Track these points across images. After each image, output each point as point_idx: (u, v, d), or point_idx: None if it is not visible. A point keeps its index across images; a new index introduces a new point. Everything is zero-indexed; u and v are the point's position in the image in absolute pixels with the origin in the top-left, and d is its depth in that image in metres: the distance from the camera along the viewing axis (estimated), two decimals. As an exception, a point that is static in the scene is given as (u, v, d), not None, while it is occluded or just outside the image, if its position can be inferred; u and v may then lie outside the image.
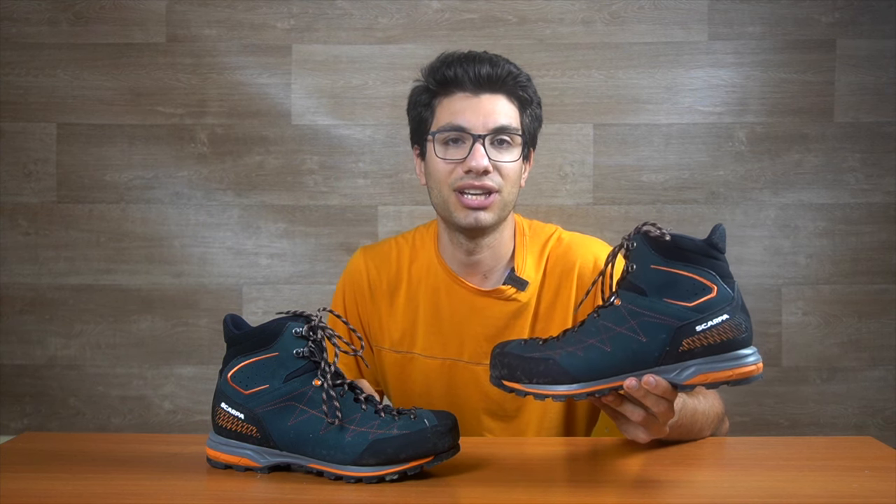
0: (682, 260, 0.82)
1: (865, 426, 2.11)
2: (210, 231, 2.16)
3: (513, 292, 1.22)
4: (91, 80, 2.15)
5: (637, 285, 0.84)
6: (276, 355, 0.89)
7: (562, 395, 0.83)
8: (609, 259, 0.89)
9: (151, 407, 2.16)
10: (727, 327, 0.80)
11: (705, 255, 0.82)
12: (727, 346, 0.80)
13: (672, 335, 0.81)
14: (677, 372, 0.81)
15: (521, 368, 0.85)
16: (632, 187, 2.12)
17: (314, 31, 2.13)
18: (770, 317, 2.11)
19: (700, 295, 0.81)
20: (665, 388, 0.82)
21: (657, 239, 0.83)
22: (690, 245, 0.82)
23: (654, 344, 0.81)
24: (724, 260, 0.83)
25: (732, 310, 0.81)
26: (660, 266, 0.83)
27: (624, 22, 2.12)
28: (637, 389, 0.82)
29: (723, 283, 0.81)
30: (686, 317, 0.81)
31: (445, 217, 1.20)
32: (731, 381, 0.81)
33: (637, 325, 0.82)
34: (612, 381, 0.83)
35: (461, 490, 0.85)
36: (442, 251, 1.26)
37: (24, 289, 2.16)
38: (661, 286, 0.82)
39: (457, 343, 1.24)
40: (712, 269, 0.82)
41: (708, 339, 0.80)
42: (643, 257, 0.84)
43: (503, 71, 1.16)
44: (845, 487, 0.84)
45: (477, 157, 1.13)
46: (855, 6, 2.09)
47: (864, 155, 2.11)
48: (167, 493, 0.84)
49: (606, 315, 0.85)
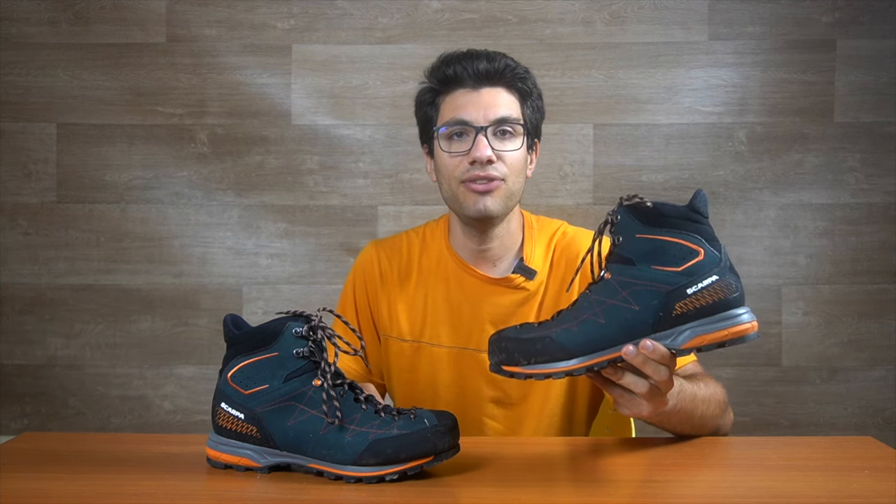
0: (667, 226, 0.83)
1: (865, 426, 2.11)
2: (210, 231, 2.16)
3: (522, 281, 1.25)
4: (91, 80, 2.15)
5: (625, 256, 0.84)
6: (276, 355, 0.89)
7: (561, 371, 0.83)
8: (596, 236, 0.90)
9: (151, 407, 2.16)
10: (717, 288, 0.81)
11: (689, 220, 0.83)
12: (719, 306, 0.81)
13: (664, 301, 0.81)
14: (673, 337, 0.82)
15: (519, 350, 0.85)
16: (632, 187, 2.12)
17: (314, 31, 2.14)
18: (770, 317, 2.11)
19: (688, 259, 0.82)
20: (663, 354, 0.82)
21: (639, 207, 0.84)
22: (673, 211, 0.83)
23: (647, 311, 0.82)
24: (707, 224, 0.83)
25: (721, 271, 0.82)
26: (645, 234, 0.84)
27: (624, 22, 2.12)
28: (635, 356, 0.82)
29: (709, 245, 0.82)
30: (676, 281, 0.81)
31: (456, 209, 1.24)
32: (728, 340, 0.81)
33: (629, 294, 0.83)
34: (609, 353, 0.83)
35: (461, 490, 0.85)
36: (453, 241, 1.29)
37: (24, 289, 2.16)
38: (649, 254, 0.83)
39: (465, 331, 1.26)
40: (697, 232, 0.83)
41: (700, 300, 0.81)
42: (628, 228, 0.85)
43: (501, 64, 1.20)
44: (845, 487, 0.84)
45: (480, 147, 1.17)
46: (855, 6, 2.09)
47: (864, 155, 2.11)
48: (167, 493, 0.84)
49: (598, 290, 0.85)
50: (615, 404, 0.91)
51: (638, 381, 0.86)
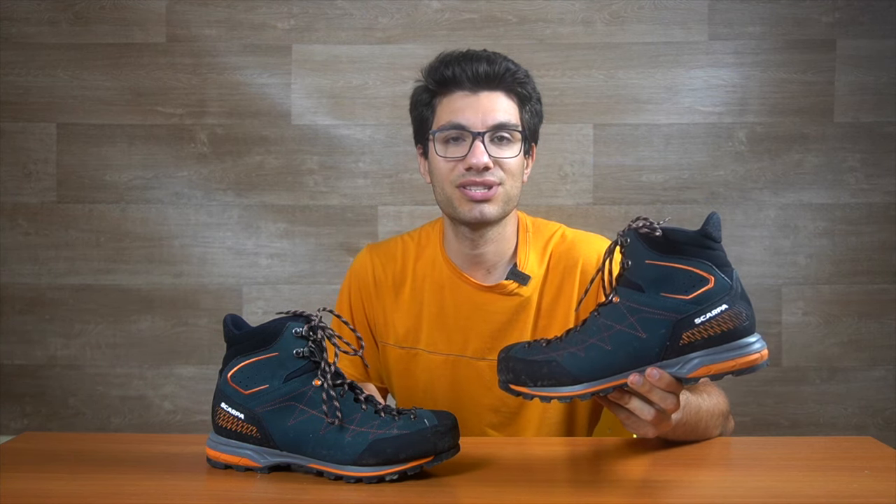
0: (677, 253, 0.81)
1: (865, 426, 2.11)
2: (210, 231, 2.16)
3: (515, 287, 1.23)
4: (91, 80, 2.15)
5: (634, 282, 0.83)
6: (276, 355, 0.88)
7: (567, 396, 0.83)
8: (606, 255, 0.89)
9: (151, 407, 2.16)
10: (727, 317, 0.80)
11: (700, 246, 0.81)
12: (729, 336, 0.80)
13: (671, 329, 0.80)
14: (680, 366, 0.81)
15: (526, 372, 0.85)
16: (632, 187, 2.12)
17: (314, 31, 2.13)
18: (770, 317, 2.11)
19: (697, 287, 0.80)
20: (669, 382, 0.82)
21: (649, 235, 0.82)
22: (683, 237, 0.81)
23: (653, 340, 0.81)
24: (720, 249, 0.82)
25: (731, 299, 0.80)
26: (654, 261, 0.82)
27: (624, 22, 2.12)
28: (642, 385, 0.82)
29: (720, 272, 0.80)
30: (684, 310, 0.80)
31: (450, 213, 1.22)
32: (736, 370, 0.80)
33: (636, 321, 0.82)
34: (614, 380, 0.83)
35: (461, 490, 0.85)
36: (447, 247, 1.27)
37: (24, 289, 2.16)
38: (658, 281, 0.82)
39: (461, 339, 1.25)
40: (708, 259, 0.81)
41: (708, 330, 0.80)
42: (637, 253, 0.84)
43: (501, 68, 1.17)
44: (845, 487, 0.84)
45: (477, 154, 1.14)
46: (855, 6, 2.09)
47: (864, 155, 2.11)
48: (167, 493, 0.84)
49: (606, 313, 0.85)
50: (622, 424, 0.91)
51: (644, 407, 0.86)
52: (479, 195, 1.16)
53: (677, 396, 0.85)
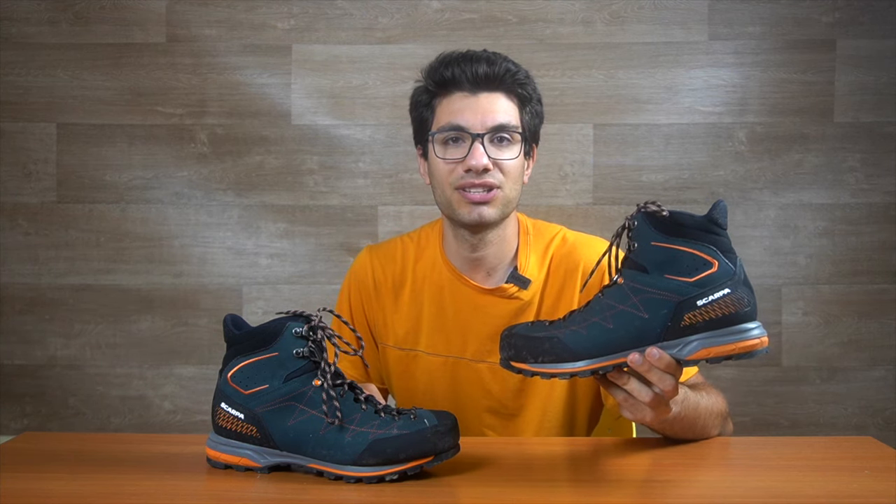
0: (682, 236, 0.83)
1: (865, 426, 2.11)
2: (210, 231, 2.16)
3: (515, 290, 1.22)
4: (91, 80, 2.15)
5: (639, 263, 0.85)
6: (276, 355, 0.89)
7: (567, 372, 0.84)
8: (612, 240, 0.90)
9: (151, 407, 2.16)
10: (729, 301, 0.81)
11: (705, 231, 0.83)
12: (729, 320, 0.81)
13: (673, 310, 0.82)
14: (680, 347, 0.82)
15: (527, 348, 0.85)
16: (632, 187, 2.12)
17: (314, 31, 2.13)
18: (770, 317, 2.11)
19: (701, 270, 0.82)
20: (668, 362, 0.82)
21: (657, 216, 0.84)
22: (690, 221, 0.83)
23: (655, 320, 0.82)
24: (725, 235, 0.83)
25: (734, 284, 0.81)
26: (660, 243, 0.83)
27: (624, 22, 2.12)
28: (641, 364, 0.82)
29: (724, 258, 0.82)
30: (687, 292, 0.81)
31: (449, 215, 1.21)
32: (735, 354, 0.81)
33: (639, 301, 0.83)
34: (615, 358, 0.83)
35: (461, 490, 0.85)
36: (446, 249, 1.27)
37: (24, 289, 2.16)
38: (662, 262, 0.83)
39: (460, 341, 1.24)
40: (713, 244, 0.82)
41: (709, 313, 0.81)
42: (644, 235, 0.85)
43: (501, 69, 1.16)
44: (845, 487, 0.84)
45: (476, 155, 1.14)
46: (855, 6, 2.09)
47: (864, 155, 2.11)
48: (167, 493, 0.84)
49: (610, 294, 0.86)
50: (619, 408, 0.91)
51: (643, 388, 0.86)
52: (479, 197, 1.15)
53: (676, 379, 0.85)
